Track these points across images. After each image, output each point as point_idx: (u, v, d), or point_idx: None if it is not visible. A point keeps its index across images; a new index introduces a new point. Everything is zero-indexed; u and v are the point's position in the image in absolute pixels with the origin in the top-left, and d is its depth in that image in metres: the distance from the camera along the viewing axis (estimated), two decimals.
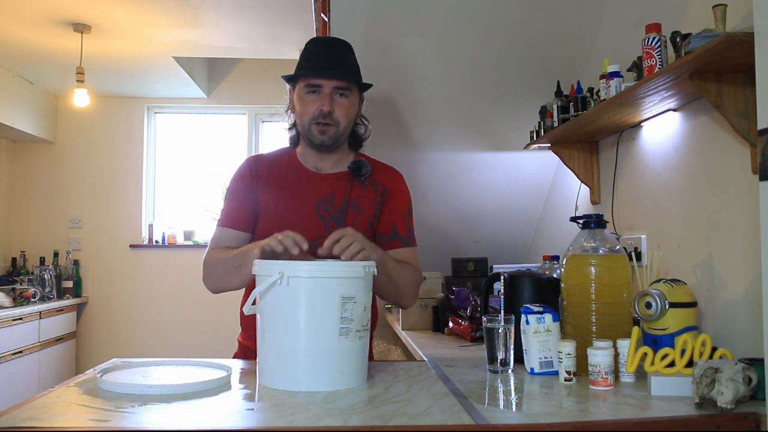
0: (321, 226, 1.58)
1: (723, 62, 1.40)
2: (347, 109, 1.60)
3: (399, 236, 1.64)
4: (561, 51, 2.45)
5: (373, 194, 1.65)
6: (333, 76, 1.56)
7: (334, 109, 1.57)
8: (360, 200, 1.63)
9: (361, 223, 1.60)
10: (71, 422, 1.04)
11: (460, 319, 2.36)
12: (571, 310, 1.49)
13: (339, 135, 1.61)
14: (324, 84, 1.57)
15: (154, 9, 3.48)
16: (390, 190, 1.66)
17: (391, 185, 1.67)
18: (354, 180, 1.64)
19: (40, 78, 4.66)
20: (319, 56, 1.59)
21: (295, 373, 1.27)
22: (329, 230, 1.47)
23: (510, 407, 1.22)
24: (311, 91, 1.58)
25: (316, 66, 1.59)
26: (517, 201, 3.05)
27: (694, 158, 1.74)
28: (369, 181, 1.65)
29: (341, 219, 1.60)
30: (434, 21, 2.38)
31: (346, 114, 1.60)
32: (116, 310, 5.00)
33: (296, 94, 1.62)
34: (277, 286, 1.27)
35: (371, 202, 1.64)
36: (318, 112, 1.57)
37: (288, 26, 3.75)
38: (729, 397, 1.11)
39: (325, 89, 1.57)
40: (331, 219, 1.60)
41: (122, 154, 5.11)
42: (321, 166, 1.66)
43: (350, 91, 1.60)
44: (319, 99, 1.58)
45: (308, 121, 1.59)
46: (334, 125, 1.59)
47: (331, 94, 1.57)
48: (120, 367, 1.41)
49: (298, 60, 1.65)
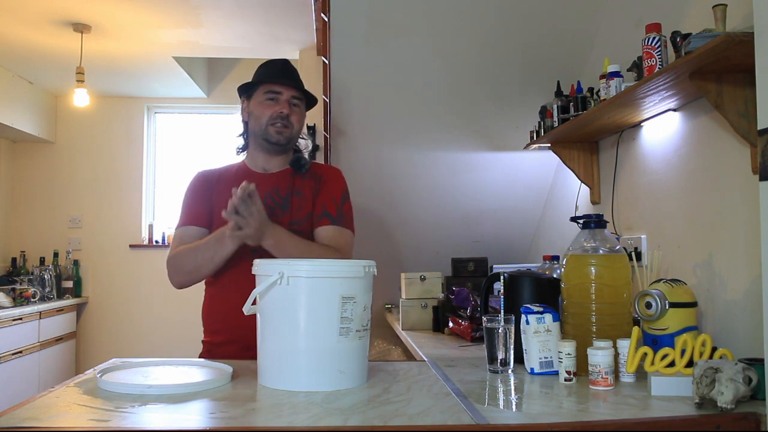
0: (268, 213, 1.68)
1: (723, 62, 1.40)
2: (299, 116, 1.81)
3: (328, 215, 1.76)
4: (561, 51, 2.45)
5: (312, 182, 1.80)
6: (291, 86, 1.78)
7: (291, 114, 1.77)
8: (302, 188, 1.79)
9: (304, 207, 1.76)
10: (71, 422, 1.04)
11: (460, 319, 2.36)
12: (571, 310, 1.49)
13: (292, 137, 1.79)
14: (283, 91, 1.77)
15: (154, 9, 3.48)
16: (325, 179, 1.81)
17: (326, 175, 1.83)
18: (296, 174, 1.80)
19: (40, 78, 4.66)
20: (276, 71, 1.80)
21: (295, 373, 1.27)
22: (276, 217, 1.70)
23: (510, 407, 1.22)
24: (270, 98, 1.77)
25: (275, 75, 1.79)
26: (517, 201, 3.05)
27: (694, 158, 1.74)
28: (308, 174, 1.82)
29: (286, 205, 1.75)
30: (434, 21, 2.38)
31: (298, 120, 1.81)
32: (116, 310, 5.00)
33: (254, 101, 1.81)
34: (277, 286, 1.27)
35: (311, 189, 1.79)
36: (277, 114, 1.76)
37: (288, 26, 3.75)
38: (729, 397, 1.11)
39: (284, 96, 1.77)
40: (277, 206, 1.75)
41: (122, 154, 5.11)
42: (268, 167, 1.82)
43: (301, 102, 1.82)
44: (278, 104, 1.77)
45: (266, 123, 1.77)
46: (290, 128, 1.77)
47: (289, 101, 1.77)
48: (120, 367, 1.41)
49: (252, 77, 1.84)
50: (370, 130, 2.81)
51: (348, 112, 2.76)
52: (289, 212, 1.74)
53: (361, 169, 2.89)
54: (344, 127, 2.82)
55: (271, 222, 1.61)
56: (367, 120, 2.77)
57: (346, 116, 2.78)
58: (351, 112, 2.75)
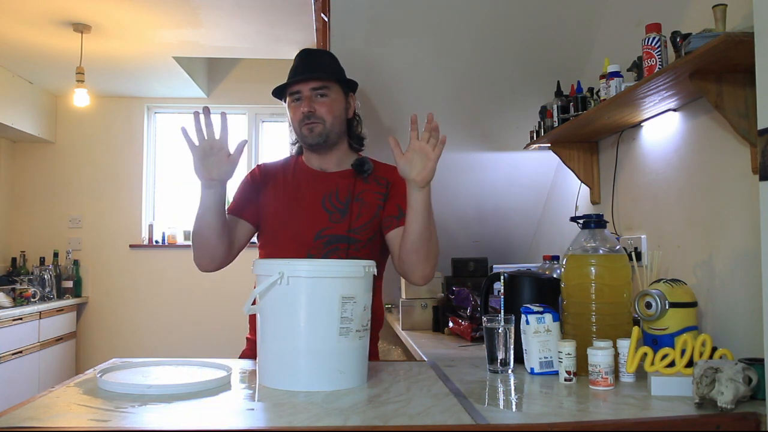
0: (326, 217, 1.66)
1: (723, 62, 1.40)
2: (329, 106, 1.68)
3: (405, 214, 1.64)
4: (561, 51, 2.45)
5: (377, 188, 1.71)
6: (307, 79, 1.67)
7: (315, 108, 1.67)
8: (363, 194, 1.70)
9: (365, 214, 1.67)
10: (71, 422, 1.04)
11: (460, 319, 2.36)
12: (571, 310, 1.49)
13: (327, 131, 1.68)
14: (302, 88, 1.68)
15: (154, 9, 3.48)
16: (393, 182, 1.72)
17: (393, 178, 1.72)
18: (357, 177, 1.71)
19: (40, 78, 4.66)
20: (297, 67, 1.71)
21: (295, 373, 1.27)
22: (334, 222, 1.60)
23: (510, 407, 1.22)
24: (295, 99, 1.70)
25: (293, 75, 1.70)
26: (517, 201, 3.04)
27: (694, 158, 1.74)
28: (372, 177, 1.72)
29: (345, 210, 1.66)
30: (434, 21, 2.38)
31: (328, 110, 1.68)
32: (116, 310, 5.00)
33: (287, 105, 1.74)
34: (277, 286, 1.27)
35: (375, 195, 1.70)
36: (301, 115, 1.68)
37: (288, 26, 3.75)
38: (729, 397, 1.11)
39: (304, 93, 1.68)
40: (336, 211, 1.67)
41: (122, 154, 5.12)
42: (325, 166, 1.74)
43: (329, 89, 1.69)
44: (301, 104, 1.69)
45: (298, 126, 1.70)
46: (320, 122, 1.67)
47: (311, 96, 1.67)
48: (120, 367, 1.41)
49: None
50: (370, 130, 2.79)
51: None
52: (348, 219, 1.65)
53: None
54: None
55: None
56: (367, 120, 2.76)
57: None
58: None
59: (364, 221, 1.66)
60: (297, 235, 1.65)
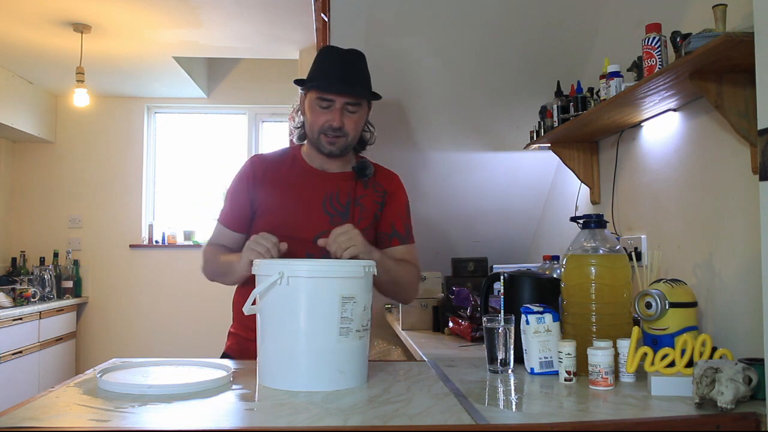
0: (327, 220, 1.64)
1: (723, 62, 1.40)
2: (356, 122, 1.65)
3: (398, 234, 1.72)
4: (561, 51, 2.45)
5: (375, 195, 1.72)
6: (344, 92, 1.59)
7: (344, 123, 1.62)
8: (363, 199, 1.70)
9: (365, 219, 1.67)
10: (71, 422, 1.04)
11: (460, 319, 2.36)
12: (571, 310, 1.49)
13: (348, 145, 1.66)
14: (336, 99, 1.60)
15: (154, 9, 3.48)
16: (390, 192, 1.73)
17: (390, 188, 1.74)
18: (358, 180, 1.70)
19: (40, 78, 4.66)
20: (332, 70, 1.61)
21: (295, 373, 1.27)
22: (335, 224, 1.55)
23: (510, 407, 1.22)
24: (323, 105, 1.61)
25: (328, 80, 1.60)
26: (517, 201, 3.04)
27: (694, 158, 1.74)
28: (371, 182, 1.72)
29: (346, 214, 1.66)
30: (434, 21, 2.38)
31: (355, 126, 1.65)
32: (116, 310, 5.00)
33: (307, 101, 1.65)
34: (277, 286, 1.27)
35: (373, 201, 1.71)
36: (328, 125, 1.61)
37: (288, 26, 3.75)
38: (729, 397, 1.11)
39: (336, 104, 1.60)
40: (337, 214, 1.66)
41: (122, 154, 5.11)
42: (327, 167, 1.71)
43: (360, 105, 1.64)
44: (330, 113, 1.61)
45: (317, 131, 1.63)
46: (344, 137, 1.63)
47: (342, 109, 1.61)
48: (120, 367, 1.41)
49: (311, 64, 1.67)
50: None
51: None
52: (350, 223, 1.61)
53: None
54: None
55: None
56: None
57: None
58: None
59: (365, 226, 1.65)
60: (296, 234, 1.62)
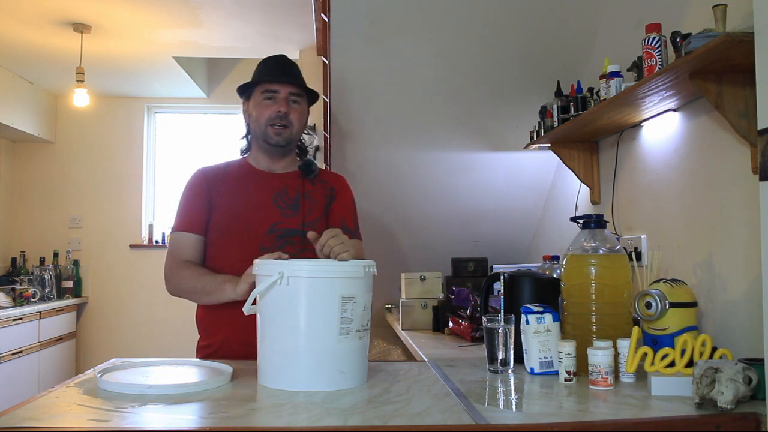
0: (278, 213, 1.70)
1: (723, 62, 1.40)
2: (300, 113, 1.75)
3: (347, 229, 1.73)
4: (561, 51, 2.45)
5: (323, 190, 1.79)
6: (288, 82, 1.72)
7: (290, 112, 1.72)
8: (312, 193, 1.77)
9: (316, 211, 1.74)
10: (71, 422, 1.04)
11: (460, 319, 2.36)
12: (571, 310, 1.49)
13: (292, 137, 1.75)
14: (280, 89, 1.72)
15: (154, 9, 3.48)
16: (336, 189, 1.81)
17: (336, 185, 1.82)
18: (305, 178, 1.78)
19: (40, 78, 4.66)
20: (273, 68, 1.75)
21: (295, 373, 1.27)
22: (286, 216, 1.69)
23: (510, 407, 1.22)
24: (268, 97, 1.73)
25: (272, 74, 1.74)
26: (517, 201, 3.05)
27: (694, 158, 1.74)
28: (317, 180, 1.79)
29: (297, 207, 1.73)
30: (434, 21, 2.38)
31: (299, 118, 1.75)
32: (116, 310, 5.00)
33: (252, 102, 1.76)
34: (277, 286, 1.27)
35: (322, 195, 1.78)
36: (275, 114, 1.71)
37: (288, 26, 3.75)
38: (729, 397, 1.11)
39: (281, 94, 1.72)
40: (287, 207, 1.72)
41: (122, 153, 5.12)
42: (273, 168, 1.79)
43: (302, 98, 1.76)
44: (276, 103, 1.72)
45: (265, 123, 1.72)
46: (289, 127, 1.73)
47: (287, 99, 1.72)
48: (120, 367, 1.41)
49: (253, 73, 1.79)
50: (370, 130, 2.80)
51: (348, 112, 2.76)
52: (301, 213, 1.71)
53: (361, 169, 2.89)
54: (344, 127, 2.82)
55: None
56: (367, 120, 2.77)
57: (346, 116, 2.78)
58: (351, 112, 2.75)
59: (316, 216, 1.73)
60: (249, 228, 1.68)
